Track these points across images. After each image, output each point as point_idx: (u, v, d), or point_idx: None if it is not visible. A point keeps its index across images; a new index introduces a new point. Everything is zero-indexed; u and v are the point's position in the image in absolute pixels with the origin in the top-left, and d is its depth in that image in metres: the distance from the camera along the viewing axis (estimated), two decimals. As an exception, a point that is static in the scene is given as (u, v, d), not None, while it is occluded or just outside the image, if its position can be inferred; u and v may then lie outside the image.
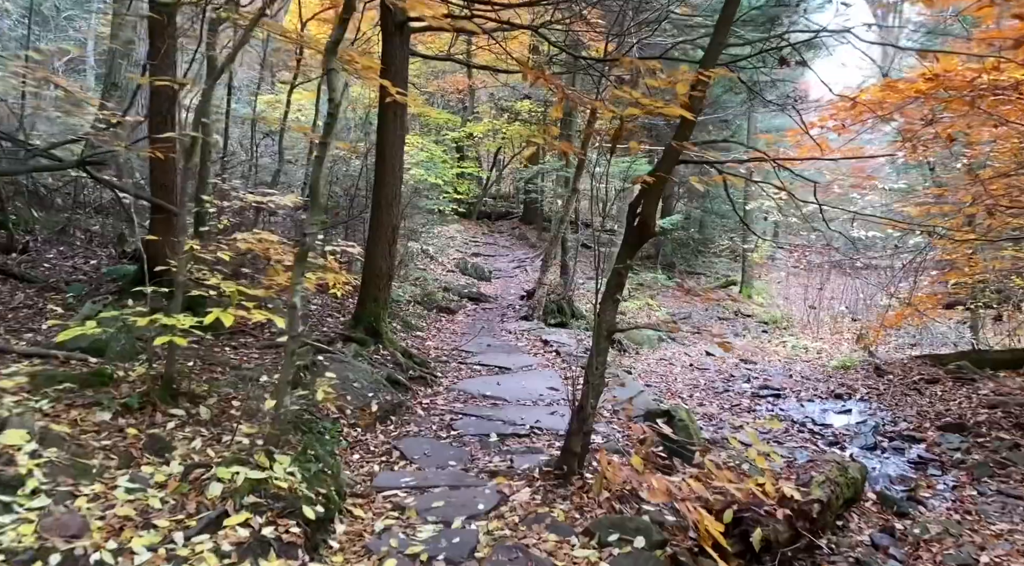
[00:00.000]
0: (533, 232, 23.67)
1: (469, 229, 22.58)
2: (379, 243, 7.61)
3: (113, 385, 4.90)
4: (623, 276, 4.98)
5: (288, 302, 3.94)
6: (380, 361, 7.36)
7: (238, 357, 6.33)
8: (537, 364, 8.47)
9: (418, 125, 25.28)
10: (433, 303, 11.66)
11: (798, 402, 9.06)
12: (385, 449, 5.56)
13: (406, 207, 11.92)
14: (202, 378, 5.50)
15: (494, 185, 28.24)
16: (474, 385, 7.45)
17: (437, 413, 6.58)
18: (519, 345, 9.60)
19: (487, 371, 8.14)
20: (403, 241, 12.86)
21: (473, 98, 25.57)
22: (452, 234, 20.06)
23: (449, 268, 16.21)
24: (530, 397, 7.13)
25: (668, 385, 9.71)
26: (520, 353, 9.10)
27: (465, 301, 12.87)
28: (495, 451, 5.60)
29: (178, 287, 4.81)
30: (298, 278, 3.90)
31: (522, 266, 18.11)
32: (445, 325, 10.94)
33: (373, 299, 7.65)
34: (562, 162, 14.59)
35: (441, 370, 8.02)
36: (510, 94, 21.60)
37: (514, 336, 10.23)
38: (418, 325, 10.18)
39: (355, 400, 6.17)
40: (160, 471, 3.91)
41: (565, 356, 8.81)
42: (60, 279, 7.01)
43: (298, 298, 3.92)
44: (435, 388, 7.35)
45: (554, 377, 7.91)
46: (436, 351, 8.93)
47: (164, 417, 4.65)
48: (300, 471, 4.08)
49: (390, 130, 7.44)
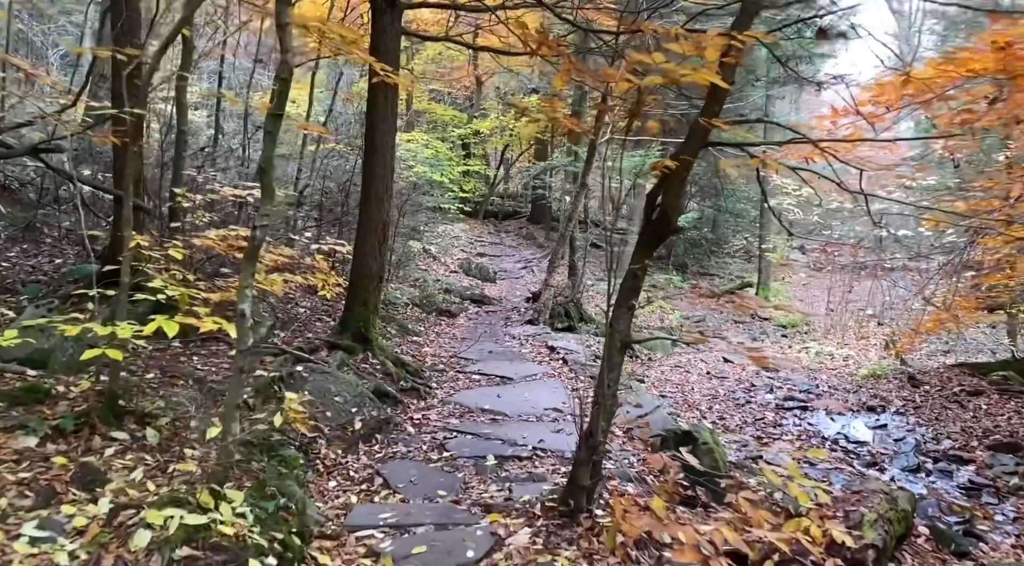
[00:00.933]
0: (541, 232, 22.98)
1: (475, 228, 21.92)
2: (368, 241, 6.93)
3: (49, 403, 4.24)
4: (639, 279, 4.28)
5: (236, 309, 3.26)
6: (368, 371, 6.68)
7: (207, 367, 5.67)
8: (542, 373, 7.77)
9: (424, 122, 24.68)
10: (433, 306, 10.98)
11: (827, 415, 8.32)
12: (367, 475, 4.87)
13: (405, 203, 11.26)
14: (158, 393, 4.83)
15: (501, 183, 27.57)
16: (472, 397, 6.76)
17: (429, 430, 5.89)
18: (523, 352, 8.90)
19: (487, 381, 7.45)
20: (403, 240, 12.19)
21: (479, 94, 24.89)
22: (457, 233, 19.40)
23: (452, 268, 15.53)
24: (533, 412, 6.43)
25: (684, 396, 8.99)
26: (524, 361, 8.40)
27: (467, 304, 12.19)
28: (492, 477, 4.90)
29: (122, 289, 4.15)
30: (247, 280, 3.22)
31: (529, 267, 17.41)
32: (445, 330, 10.25)
33: (362, 302, 6.98)
34: (570, 158, 13.90)
35: (436, 380, 7.33)
36: (517, 88, 20.91)
37: (518, 342, 9.53)
38: (415, 330, 9.50)
39: (336, 417, 5.49)
40: (83, 512, 3.23)
41: (573, 365, 8.10)
42: (17, 280, 6.38)
43: (247, 304, 3.23)
44: (429, 401, 6.66)
45: (560, 389, 7.20)
46: (433, 358, 8.24)
47: (103, 442, 3.98)
48: (254, 511, 3.40)
49: (380, 117, 6.76)
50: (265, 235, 3.22)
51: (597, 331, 10.95)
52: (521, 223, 24.87)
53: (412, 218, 12.62)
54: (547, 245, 20.99)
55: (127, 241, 4.14)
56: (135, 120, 4.03)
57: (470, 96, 26.44)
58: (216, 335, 6.43)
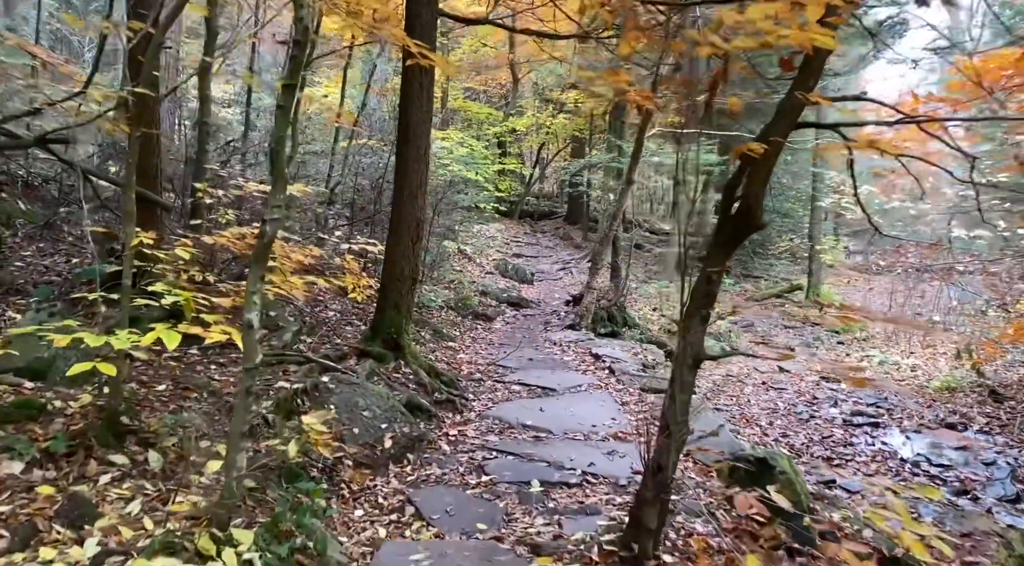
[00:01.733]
0: (578, 232, 22.34)
1: (510, 228, 21.37)
2: (401, 240, 6.41)
3: (43, 420, 3.78)
4: (715, 284, 3.65)
5: (243, 319, 2.73)
6: (400, 381, 6.15)
7: (225, 377, 5.19)
8: (587, 384, 7.15)
9: (459, 121, 24.22)
10: (468, 309, 10.44)
11: (902, 433, 7.55)
12: (397, 503, 4.32)
13: (439, 201, 10.74)
14: (168, 408, 4.35)
15: (537, 183, 27.01)
16: (512, 411, 6.18)
17: (466, 449, 5.32)
18: (565, 360, 8.30)
19: (528, 393, 6.86)
20: (437, 239, 11.69)
21: (516, 91, 24.34)
22: (492, 233, 18.87)
23: (488, 270, 14.99)
24: (580, 428, 5.82)
25: (741, 409, 8.28)
26: (567, 369, 7.80)
27: (504, 306, 11.62)
28: (538, 507, 4.32)
29: (123, 293, 3.66)
30: (254, 284, 2.69)
31: (567, 268, 16.78)
32: (481, 334, 9.70)
33: (394, 306, 6.45)
34: (612, 154, 13.25)
35: (473, 391, 6.77)
36: (555, 83, 20.29)
37: (559, 348, 8.93)
38: (450, 334, 8.96)
39: (364, 434, 4.96)
40: (64, 558, 2.74)
41: (620, 374, 7.47)
42: (29, 281, 6.00)
43: (255, 313, 2.70)
44: (465, 414, 6.10)
45: (609, 402, 6.58)
46: (469, 366, 7.68)
47: (99, 467, 3.50)
48: (264, 557, 2.87)
49: (414, 105, 6.23)
50: (277, 231, 2.68)
51: (643, 337, 10.29)
52: (557, 223, 24.27)
53: (447, 217, 12.11)
54: (585, 246, 20.35)
55: (129, 238, 3.66)
56: (138, 101, 3.53)
57: (506, 94, 25.90)
58: (237, 341, 5.98)
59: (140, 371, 4.87)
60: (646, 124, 9.04)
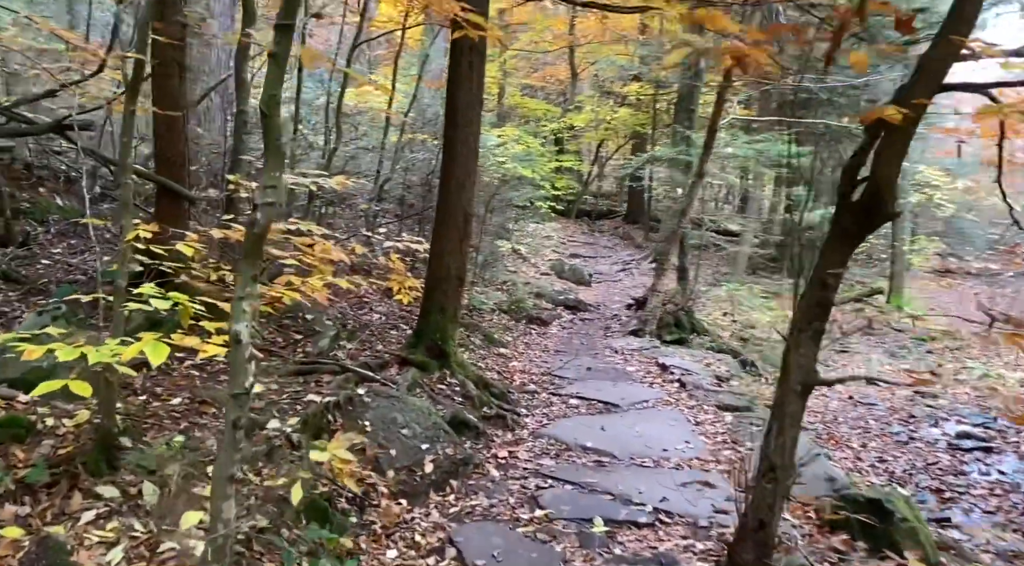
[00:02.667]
0: (639, 231, 21.44)
1: (567, 228, 20.64)
2: (447, 237, 5.79)
3: (30, 442, 3.28)
4: (830, 290, 2.89)
5: (230, 332, 2.13)
6: (445, 393, 5.53)
7: (250, 389, 4.65)
8: (655, 399, 6.39)
9: (516, 117, 23.63)
10: (522, 312, 9.78)
11: (1021, 461, 6.52)
12: (437, 542, 3.69)
13: (492, 198, 10.12)
14: (179, 427, 3.83)
15: (595, 180, 26.18)
16: (570, 429, 5.49)
17: (517, 475, 4.66)
18: (628, 370, 7.54)
19: (587, 407, 6.15)
20: (490, 239, 11.08)
21: (574, 87, 23.59)
22: (548, 233, 18.19)
23: (543, 270, 14.31)
24: (649, 453, 5.08)
25: (827, 427, 7.37)
26: (630, 381, 7.05)
27: (560, 310, 10.91)
28: (601, 553, 3.62)
29: (116, 295, 3.13)
30: (244, 287, 2.08)
31: (627, 269, 15.95)
32: (535, 340, 9.02)
33: (439, 310, 5.84)
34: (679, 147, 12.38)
35: (527, 405, 6.10)
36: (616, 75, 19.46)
37: (621, 357, 8.17)
38: (502, 339, 8.32)
39: (402, 456, 4.35)
40: (13, 625, 2.20)
41: (692, 388, 6.68)
42: (53, 279, 5.64)
43: (243, 324, 2.09)
44: (517, 432, 5.43)
45: (680, 421, 5.81)
46: (521, 376, 7.02)
47: (84, 501, 2.97)
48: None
49: (463, 87, 5.61)
50: (270, 220, 2.06)
51: (713, 345, 9.43)
52: (616, 222, 23.41)
53: (501, 215, 11.50)
54: (646, 246, 19.46)
55: (126, 231, 3.13)
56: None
57: (563, 90, 25.18)
58: (268, 348, 5.47)
59: (155, 381, 4.39)
60: (719, 112, 8.20)
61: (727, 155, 9.67)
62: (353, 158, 10.39)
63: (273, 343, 5.47)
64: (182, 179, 5.30)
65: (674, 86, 17.90)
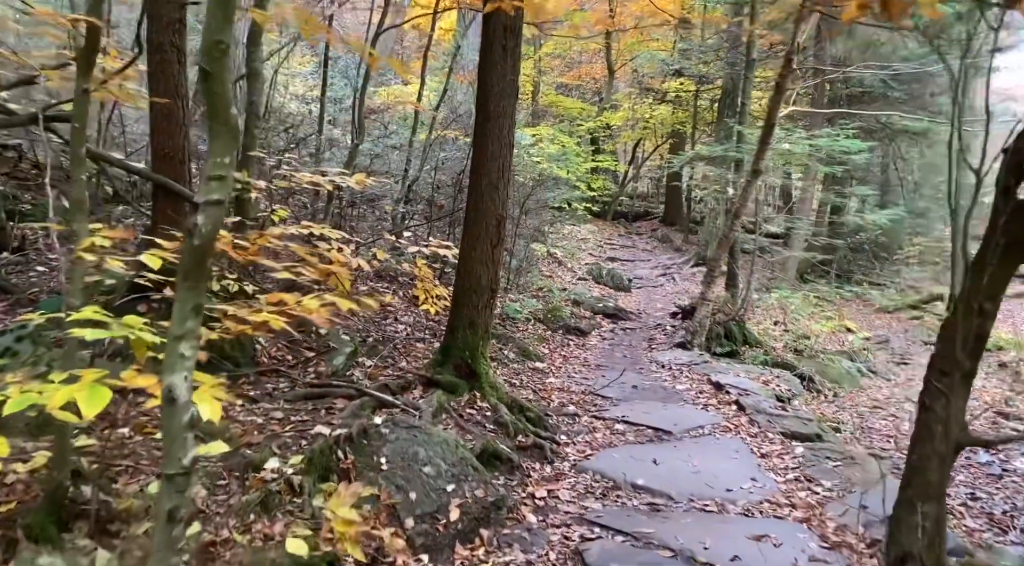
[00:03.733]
0: (678, 234, 20.60)
1: (603, 230, 19.90)
2: (478, 242, 5.15)
3: (-28, 491, 2.72)
4: (988, 318, 2.15)
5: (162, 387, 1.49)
6: (475, 419, 4.89)
7: (252, 419, 4.07)
8: (711, 425, 5.65)
9: (550, 117, 22.96)
10: (559, 322, 9.10)
11: None
12: (461, 613, 3.04)
13: (527, 199, 9.47)
14: (154, 473, 3.24)
15: (632, 182, 25.39)
16: (617, 463, 4.79)
17: (558, 522, 3.98)
18: (678, 388, 6.80)
19: (635, 434, 5.45)
20: (524, 242, 10.43)
21: (611, 84, 22.82)
22: (584, 235, 17.49)
23: (580, 275, 13.60)
24: (711, 493, 4.36)
25: (902, 451, 6.54)
26: (682, 402, 6.32)
27: (600, 318, 10.20)
28: (664, 635, 2.92)
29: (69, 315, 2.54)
30: (182, 325, 1.44)
31: (668, 274, 15.15)
32: (574, 352, 8.33)
33: (468, 324, 5.20)
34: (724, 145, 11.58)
35: (567, 431, 5.42)
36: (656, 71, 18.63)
37: (669, 372, 7.44)
38: (537, 352, 7.65)
39: (423, 500, 3.71)
40: None
41: (753, 412, 5.92)
42: (46, 289, 5.14)
43: (180, 377, 1.46)
44: (557, 465, 4.76)
45: (744, 452, 5.07)
46: (560, 395, 6.34)
47: (20, 574, 2.38)
48: None
49: (496, 71, 4.96)
50: (217, 225, 1.42)
51: (767, 358, 8.64)
52: (654, 224, 22.60)
53: (536, 217, 10.83)
54: (686, 249, 18.63)
55: (79, 236, 2.55)
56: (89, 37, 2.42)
57: (599, 89, 24.45)
58: (276, 367, 4.89)
59: (143, 410, 3.82)
60: (778, 104, 7.41)
61: (783, 152, 8.86)
62: (379, 156, 9.84)
63: (281, 361, 4.89)
64: (182, 177, 4.75)
65: (717, 81, 17.07)
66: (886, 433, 7.11)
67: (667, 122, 21.03)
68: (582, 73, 26.35)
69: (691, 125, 20.30)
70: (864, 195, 13.03)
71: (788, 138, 8.78)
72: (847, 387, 9.15)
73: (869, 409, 8.15)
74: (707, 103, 19.60)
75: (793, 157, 9.29)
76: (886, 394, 8.97)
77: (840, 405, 8.21)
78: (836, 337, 11.22)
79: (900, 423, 7.59)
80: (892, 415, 7.89)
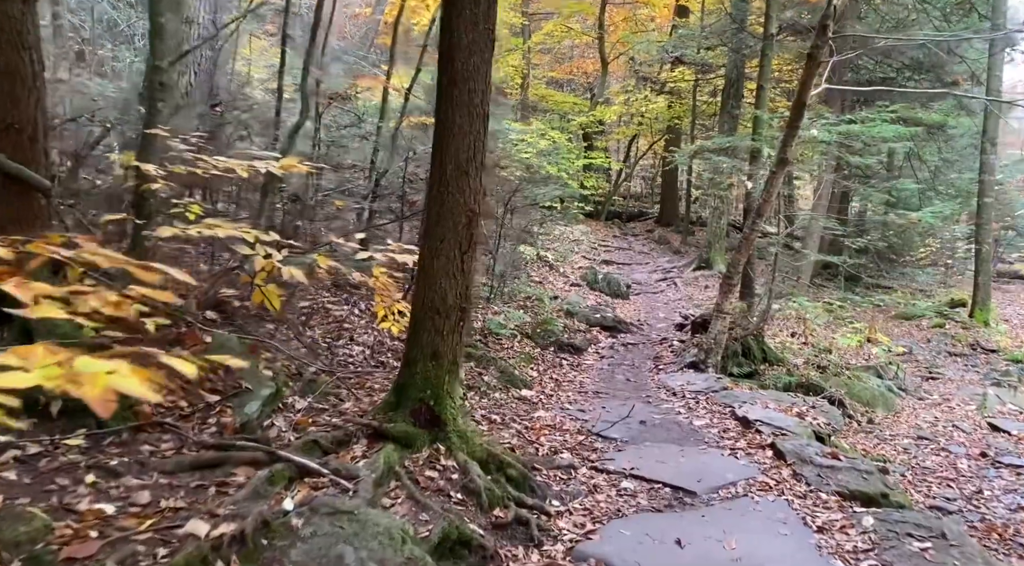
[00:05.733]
0: (675, 235, 19.43)
1: (597, 231, 18.70)
2: (442, 247, 3.90)
3: None
4: None
5: None
6: (436, 486, 3.62)
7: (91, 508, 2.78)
8: (746, 481, 4.39)
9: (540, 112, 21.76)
10: (550, 337, 7.85)
11: None
12: None
13: (513, 195, 8.22)
14: None
15: (626, 181, 24.23)
16: (628, 544, 3.54)
17: (548, 655, 2.73)
18: (696, 424, 5.55)
19: (649, 495, 4.19)
20: (511, 243, 9.18)
21: (604, 78, 21.60)
22: (577, 236, 16.26)
23: (573, 280, 12.37)
24: (762, 599, 3.11)
25: (972, 502, 5.35)
26: (703, 445, 5.07)
27: (596, 332, 8.97)
28: None
29: None
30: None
31: (668, 278, 13.94)
32: (567, 374, 7.09)
33: (431, 355, 3.94)
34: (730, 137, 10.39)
35: (559, 491, 4.16)
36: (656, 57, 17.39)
37: (683, 402, 6.20)
38: (524, 377, 6.41)
39: (343, 638, 2.45)
40: None
41: (796, 461, 4.66)
42: None
43: None
44: (546, 549, 3.49)
45: (793, 525, 3.83)
46: (551, 436, 5.08)
47: None
48: None
49: (464, 18, 3.72)
50: None
51: (791, 379, 7.43)
52: (648, 224, 21.45)
53: (523, 216, 9.59)
54: (685, 251, 17.45)
55: None
56: None
57: (592, 83, 23.28)
58: (161, 420, 3.60)
59: None
60: (810, 80, 6.18)
61: (809, 138, 7.64)
62: (343, 147, 8.56)
63: (171, 410, 3.60)
64: (34, 157, 3.46)
65: (719, 70, 15.88)
66: (944, 475, 5.90)
67: (663, 117, 19.88)
68: (573, 68, 25.17)
69: (689, 119, 19.13)
70: (903, 189, 11.87)
71: (815, 123, 7.58)
72: (881, 411, 7.96)
73: (914, 440, 6.95)
74: (707, 96, 18.43)
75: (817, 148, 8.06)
76: (928, 421, 7.78)
77: (880, 436, 7.00)
78: (860, 350, 10.03)
79: (955, 459, 6.39)
80: (943, 449, 6.69)
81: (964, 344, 12.82)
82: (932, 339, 12.99)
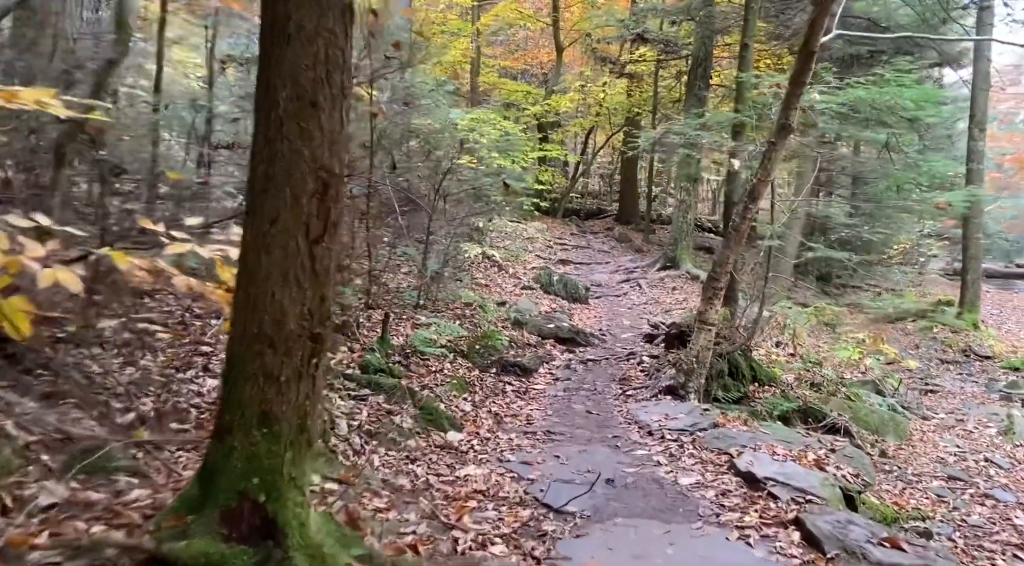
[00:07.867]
0: (636, 233, 18.12)
1: (553, 228, 17.23)
2: (275, 232, 2.28)
3: None
4: None
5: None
6: None
7: None
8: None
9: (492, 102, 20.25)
10: (492, 355, 6.28)
11: None
12: None
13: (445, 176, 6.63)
14: None
15: (583, 176, 22.91)
16: None
17: None
18: (683, 483, 4.01)
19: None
20: (446, 238, 7.59)
21: (559, 65, 20.16)
22: (531, 234, 14.75)
23: (524, 282, 10.82)
24: None
25: None
26: (697, 522, 3.52)
27: (550, 345, 7.43)
28: None
29: None
30: None
31: (632, 279, 12.51)
32: (512, 405, 5.53)
33: (259, 420, 2.31)
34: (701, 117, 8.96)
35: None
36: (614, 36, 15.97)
37: (661, 446, 4.66)
38: (451, 414, 4.82)
39: None
40: None
41: (835, 548, 3.15)
42: None
43: None
44: None
45: None
46: (481, 510, 3.47)
47: None
48: None
49: None
50: None
51: (788, 404, 6.00)
52: (607, 223, 20.12)
53: (463, 206, 7.99)
54: (648, 250, 16.11)
55: None
56: None
57: (547, 74, 21.85)
58: None
59: None
60: (819, 24, 4.75)
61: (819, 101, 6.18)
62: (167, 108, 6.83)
63: None
64: None
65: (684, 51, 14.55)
66: (1004, 539, 4.48)
67: (622, 107, 18.54)
68: (528, 57, 23.73)
69: (650, 107, 17.80)
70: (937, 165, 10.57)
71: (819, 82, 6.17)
72: (892, 439, 6.61)
73: (945, 482, 5.57)
74: (671, 80, 17.13)
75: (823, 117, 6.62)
76: (949, 451, 6.45)
77: (902, 476, 5.60)
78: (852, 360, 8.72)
79: (1007, 511, 5.00)
80: (985, 495, 5.31)
81: (956, 350, 11.72)
82: (921, 345, 11.85)
